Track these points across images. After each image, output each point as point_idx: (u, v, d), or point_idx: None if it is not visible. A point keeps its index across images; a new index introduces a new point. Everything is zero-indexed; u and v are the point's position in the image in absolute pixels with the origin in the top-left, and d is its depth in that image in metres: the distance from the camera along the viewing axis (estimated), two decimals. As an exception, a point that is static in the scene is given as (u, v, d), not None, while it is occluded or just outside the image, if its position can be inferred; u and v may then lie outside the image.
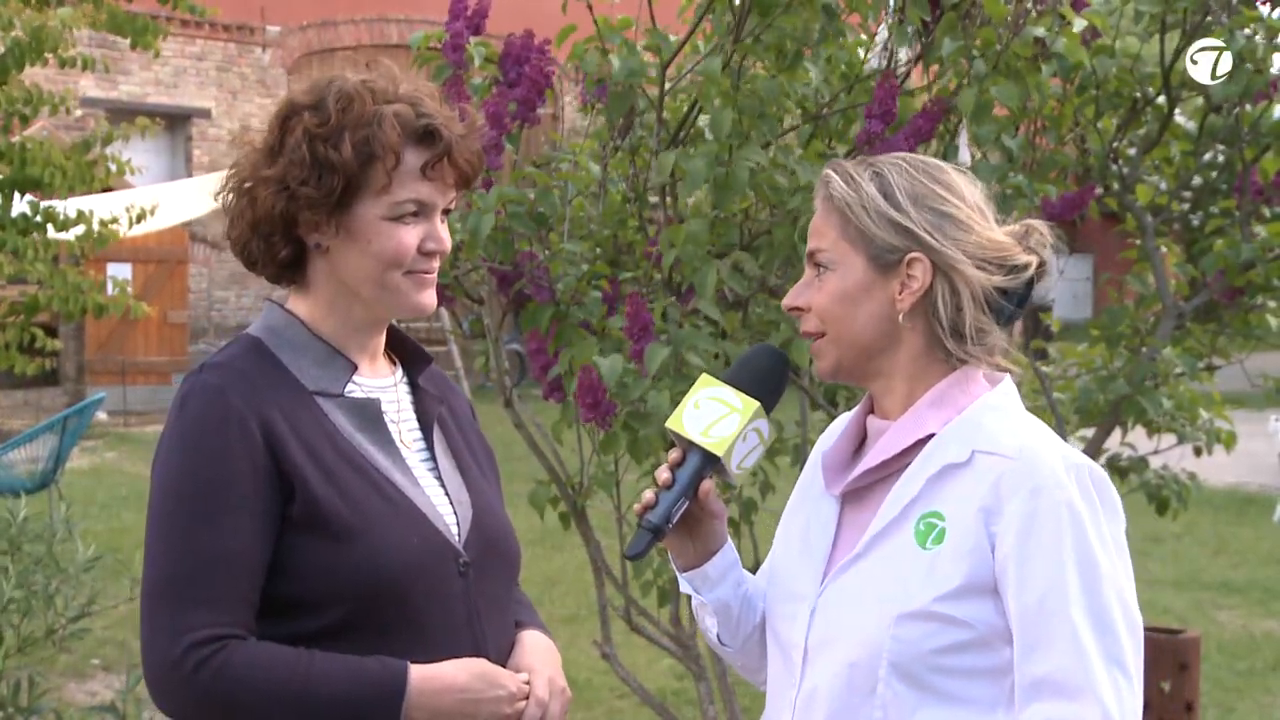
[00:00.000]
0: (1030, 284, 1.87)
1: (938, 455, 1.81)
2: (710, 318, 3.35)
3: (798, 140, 3.71)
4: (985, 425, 1.81)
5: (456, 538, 1.94)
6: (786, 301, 1.88)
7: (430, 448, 2.01)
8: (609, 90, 3.38)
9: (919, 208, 1.82)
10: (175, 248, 16.61)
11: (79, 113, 6.78)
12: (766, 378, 1.88)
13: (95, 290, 6.19)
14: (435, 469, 1.99)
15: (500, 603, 1.99)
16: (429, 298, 1.93)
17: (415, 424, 2.02)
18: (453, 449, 2.04)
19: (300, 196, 1.86)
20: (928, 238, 1.81)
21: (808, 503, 1.95)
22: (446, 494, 1.97)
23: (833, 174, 1.87)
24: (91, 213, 6.31)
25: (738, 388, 1.86)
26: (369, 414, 1.94)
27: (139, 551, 1.92)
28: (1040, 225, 1.89)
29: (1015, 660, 1.74)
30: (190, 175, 17.20)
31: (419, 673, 1.82)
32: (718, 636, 2.04)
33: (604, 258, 3.76)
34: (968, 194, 1.87)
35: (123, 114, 16.23)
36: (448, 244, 1.92)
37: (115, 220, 6.48)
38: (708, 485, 1.86)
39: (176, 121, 17.34)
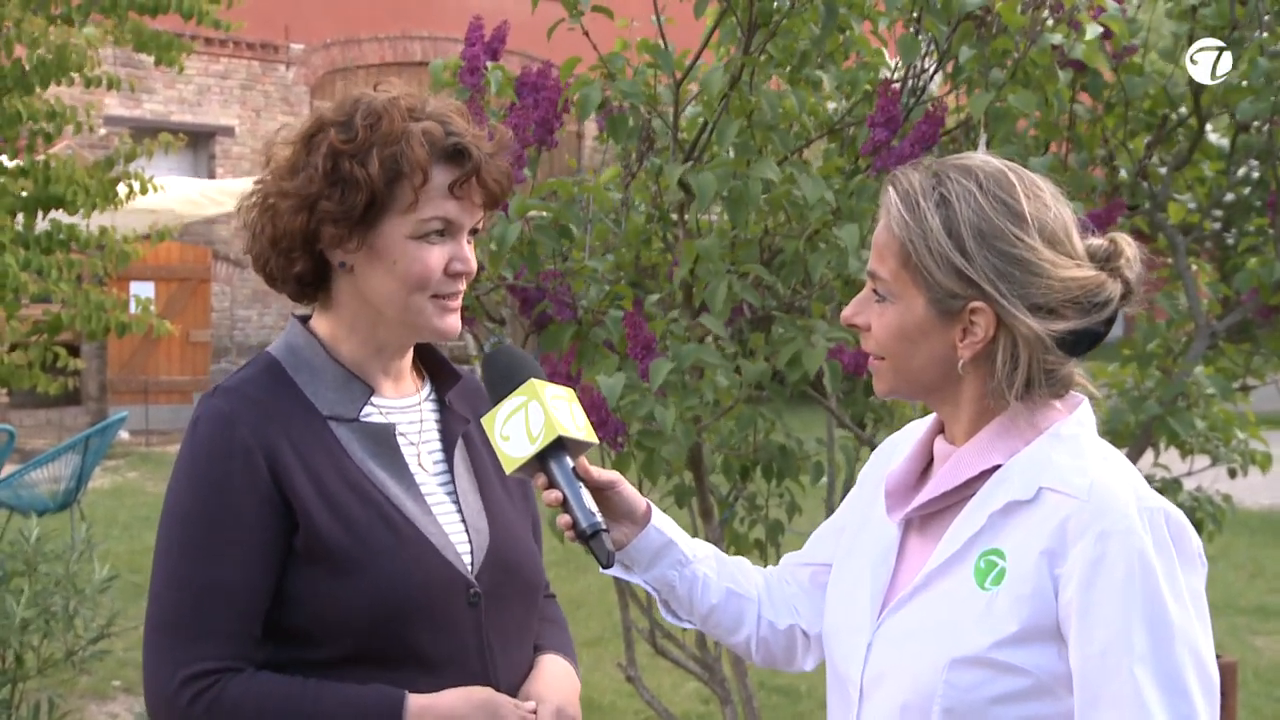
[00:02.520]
0: (1115, 314, 1.75)
1: (1002, 490, 1.73)
2: (723, 334, 3.36)
3: (820, 155, 3.73)
4: (1054, 459, 1.72)
5: (469, 567, 1.93)
6: (845, 315, 1.82)
7: (450, 470, 2.00)
8: (608, 116, 3.41)
9: (986, 250, 1.70)
10: (198, 266, 16.71)
11: (103, 131, 6.86)
12: (509, 370, 1.89)
13: (118, 309, 6.24)
14: (454, 492, 1.98)
15: (518, 631, 1.98)
16: (452, 322, 1.93)
17: (438, 444, 2.02)
18: (476, 470, 2.03)
19: (321, 212, 1.87)
20: (991, 290, 1.70)
21: (869, 525, 1.90)
22: (463, 520, 1.97)
23: (894, 194, 1.76)
24: (114, 228, 6.37)
25: (505, 395, 1.87)
26: (383, 440, 1.94)
27: (159, 572, 1.93)
28: (1127, 242, 1.77)
29: (1076, 714, 1.65)
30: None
31: (417, 702, 1.82)
32: (671, 614, 2.05)
33: (627, 278, 3.79)
34: (1049, 221, 1.72)
35: (146, 132, 16.19)
36: (474, 266, 1.92)
37: (139, 238, 6.54)
38: (582, 463, 1.87)
39: (200, 139, 17.45)
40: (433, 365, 2.08)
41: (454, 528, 1.95)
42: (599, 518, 1.82)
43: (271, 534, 1.83)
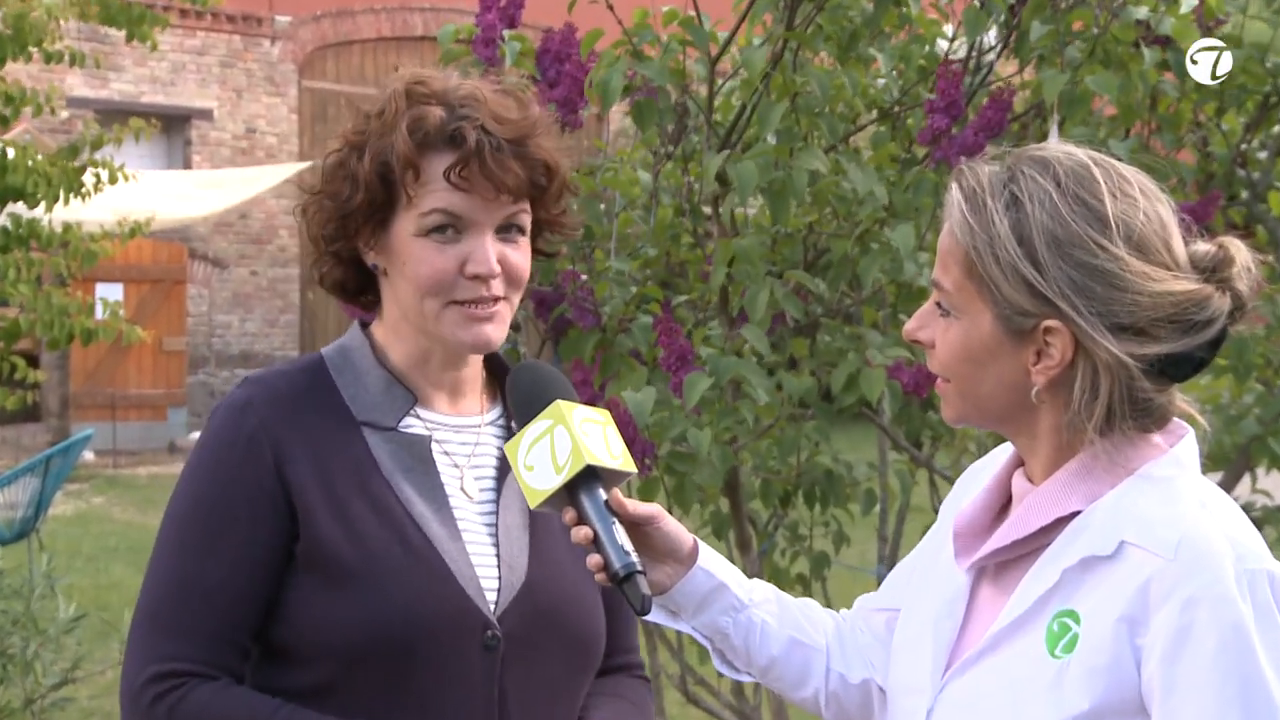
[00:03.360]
0: (1222, 335, 1.66)
1: (1080, 542, 1.67)
2: (765, 350, 3.36)
3: (871, 142, 3.72)
4: (1140, 507, 1.65)
5: (491, 605, 1.92)
6: (908, 330, 1.79)
7: (499, 500, 2.00)
8: (635, 99, 3.42)
9: (1061, 259, 1.63)
10: (172, 266, 16.79)
11: (65, 114, 6.89)
12: (533, 390, 1.89)
13: (83, 314, 6.26)
14: (494, 525, 1.98)
15: (550, 693, 1.95)
16: (479, 334, 1.93)
17: (491, 472, 2.02)
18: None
19: (325, 210, 1.95)
20: (1067, 306, 1.63)
21: (938, 570, 1.86)
22: (497, 554, 1.96)
23: (958, 192, 1.71)
24: (79, 225, 6.40)
25: (530, 419, 1.86)
26: (418, 453, 1.96)
27: (129, 611, 1.97)
28: (1238, 247, 1.68)
29: None
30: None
31: None
32: (727, 665, 2.01)
33: (655, 278, 3.79)
34: (1139, 224, 1.65)
35: (114, 115, 16.34)
36: (497, 267, 1.91)
37: (107, 235, 6.56)
38: (616, 495, 1.85)
39: (174, 123, 17.54)
40: (505, 386, 2.07)
41: (484, 560, 1.95)
42: (633, 557, 1.80)
43: (268, 533, 1.87)
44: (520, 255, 1.95)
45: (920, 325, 1.77)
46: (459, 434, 2.01)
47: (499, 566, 1.95)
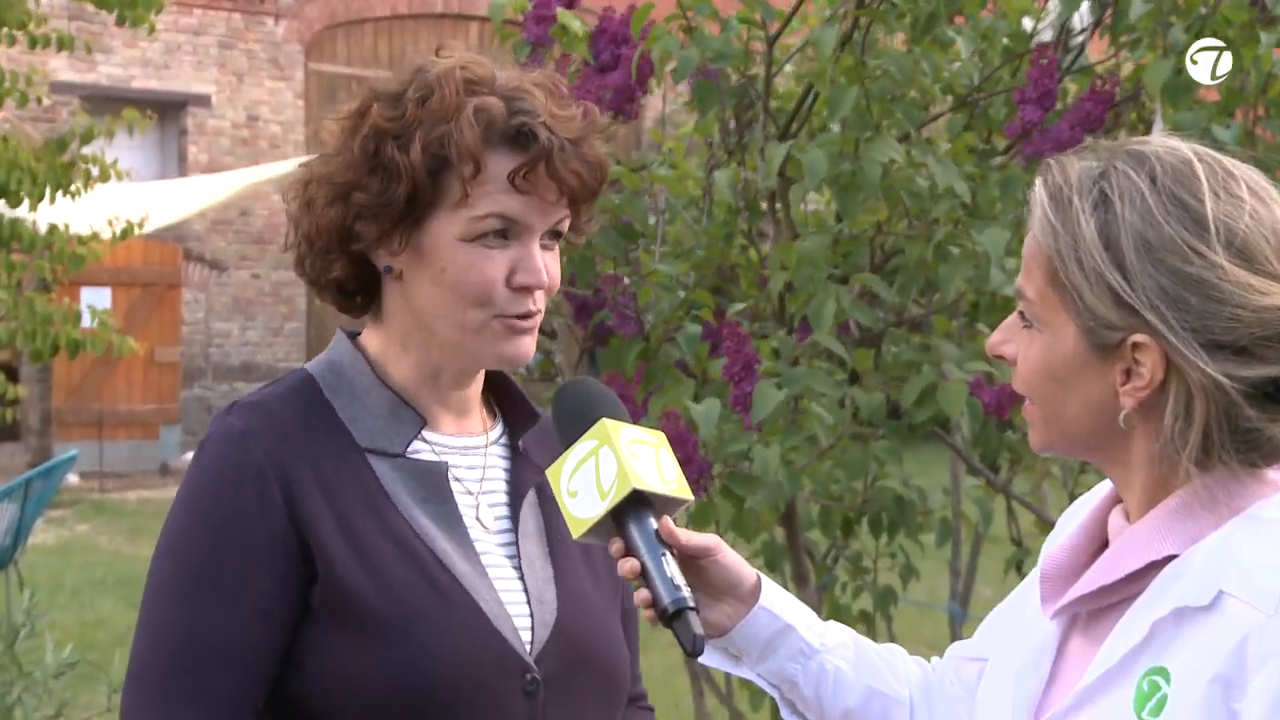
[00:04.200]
0: None
1: (1174, 591, 1.62)
2: (834, 356, 3.38)
3: (947, 132, 3.73)
4: (1243, 553, 1.60)
5: (527, 646, 1.93)
6: (991, 344, 1.78)
7: (515, 528, 2.02)
8: (694, 81, 3.43)
9: (1152, 266, 1.60)
10: (165, 269, 16.83)
11: (49, 101, 6.93)
12: (577, 407, 1.90)
13: (69, 322, 6.28)
14: (516, 556, 2.00)
15: None
16: (522, 348, 1.94)
17: (504, 497, 2.03)
18: (550, 532, 2.04)
19: (357, 205, 1.91)
20: (1157, 320, 1.60)
21: (1027, 615, 1.84)
22: (525, 589, 1.98)
23: (1042, 189, 1.69)
24: (66, 226, 6.43)
25: (574, 440, 1.88)
26: (433, 482, 1.96)
27: (119, 650, 1.98)
28: None
29: None
30: (184, 177, 17.38)
31: None
32: (796, 716, 1.99)
33: (705, 283, 3.81)
34: (1243, 228, 1.61)
35: (102, 102, 16.39)
36: (547, 278, 1.92)
37: (95, 236, 6.60)
38: (667, 524, 1.85)
39: (168, 111, 17.58)
40: (506, 401, 2.10)
41: (513, 597, 1.96)
42: (685, 592, 1.80)
43: (283, 581, 1.86)
44: (556, 264, 1.96)
45: (1004, 339, 1.76)
46: (466, 457, 2.02)
47: (529, 603, 1.96)
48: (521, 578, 1.98)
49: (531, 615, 1.95)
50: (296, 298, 18.21)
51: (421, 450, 1.97)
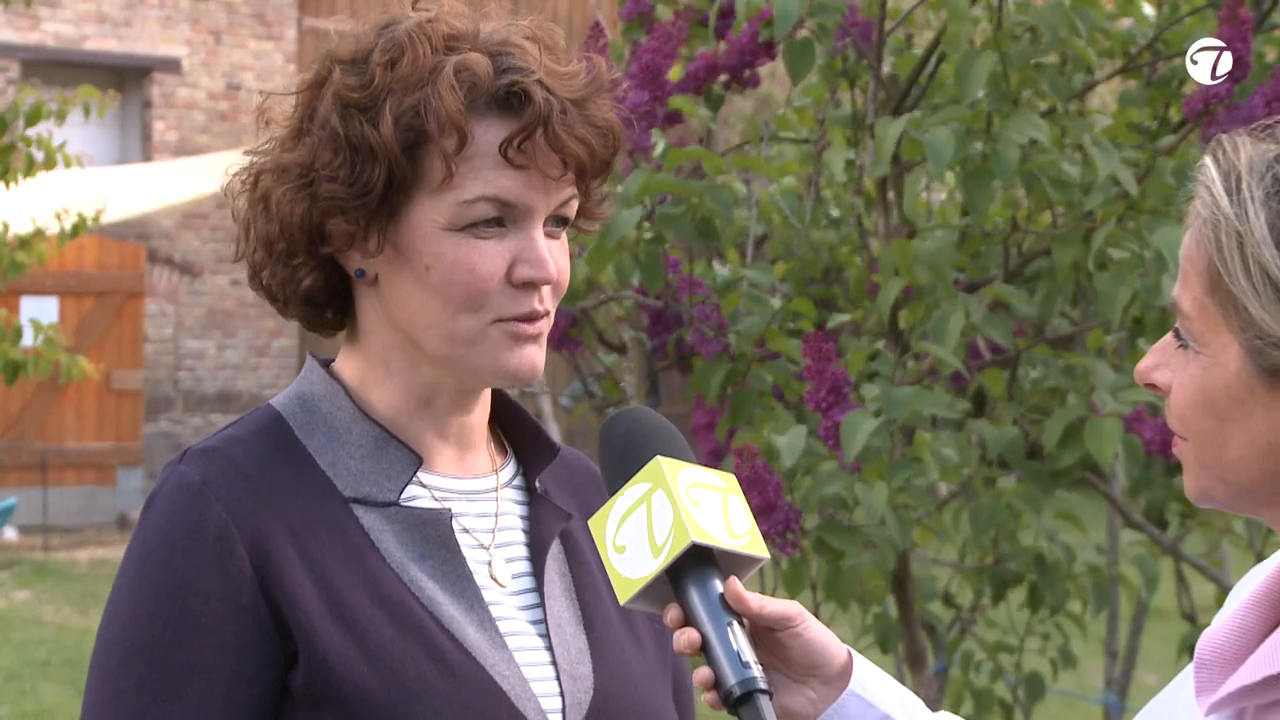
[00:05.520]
0: None
1: None
2: (957, 363, 3.34)
3: (1119, 104, 3.71)
4: None
5: None
6: (1140, 369, 1.77)
7: (540, 587, 2.02)
8: (786, 42, 3.45)
9: None
10: (124, 273, 16.86)
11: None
12: (628, 442, 1.90)
13: (6, 339, 6.31)
14: (542, 621, 2.00)
15: None
16: (526, 359, 1.95)
17: (522, 549, 2.04)
18: (581, 590, 2.05)
19: (323, 197, 1.91)
20: None
21: (1178, 709, 1.84)
22: (553, 662, 1.98)
23: (1211, 171, 1.70)
24: (6, 226, 6.47)
25: (620, 485, 1.87)
26: (435, 534, 1.96)
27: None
28: None
29: None
30: (149, 160, 17.41)
31: None
32: None
33: (807, 290, 3.82)
34: None
35: (48, 68, 16.44)
36: (555, 270, 1.93)
37: (39, 234, 6.64)
38: (735, 588, 1.83)
39: (129, 79, 17.67)
40: (517, 433, 2.10)
41: (538, 671, 1.96)
42: (756, 671, 1.79)
43: (254, 663, 1.86)
44: (564, 255, 1.96)
45: (1155, 363, 1.75)
46: (475, 502, 2.01)
47: (558, 679, 1.96)
48: (549, 647, 1.98)
49: (562, 694, 1.96)
50: (286, 309, 18.22)
51: (419, 496, 1.97)
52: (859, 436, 3.13)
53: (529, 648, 1.97)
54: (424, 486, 1.98)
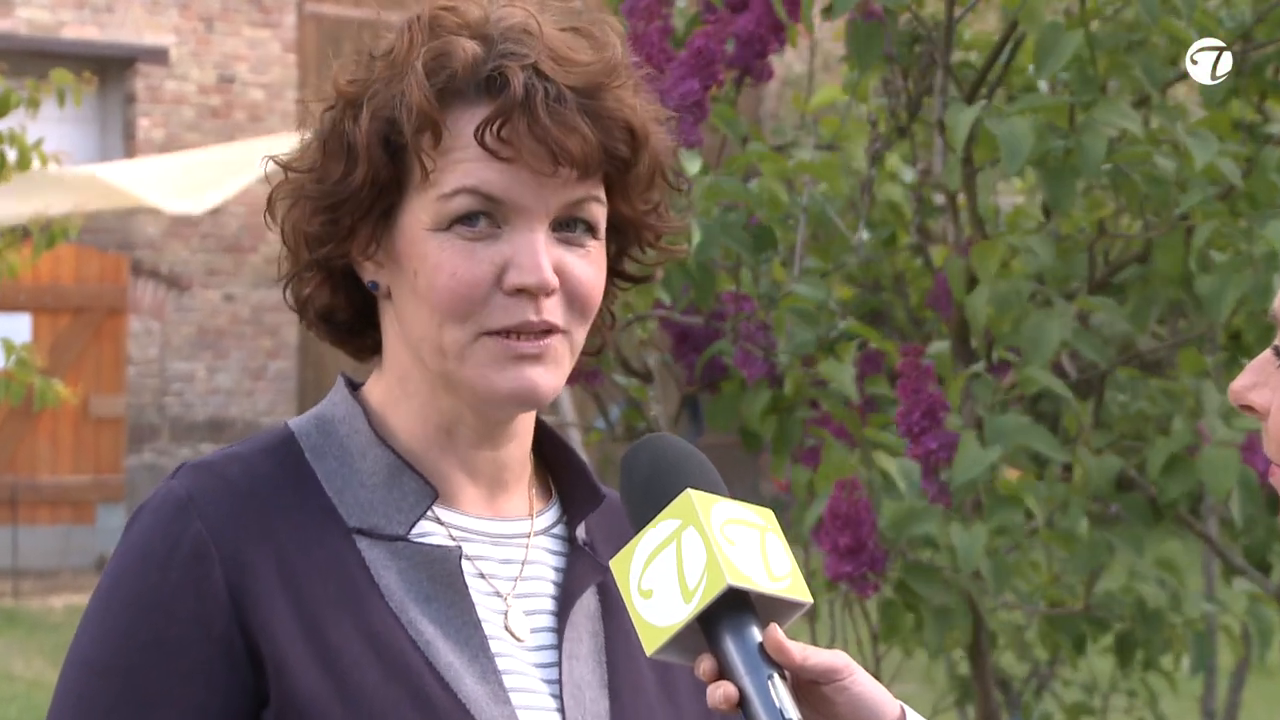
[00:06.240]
0: None
1: None
2: (1063, 388, 3.36)
3: (1200, 94, 3.71)
4: None
5: None
6: (1235, 388, 1.79)
7: (561, 643, 2.02)
8: (849, 24, 3.45)
9: None
10: (105, 287, 16.92)
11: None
12: (654, 474, 1.90)
13: (-27, 361, 6.35)
14: (557, 681, 2.01)
15: None
16: (521, 379, 1.94)
17: (549, 603, 2.04)
18: (611, 651, 2.06)
19: (312, 198, 1.96)
20: None
21: None
22: None
23: None
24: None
25: (648, 520, 1.86)
26: (441, 574, 1.97)
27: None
28: None
29: None
30: (133, 158, 17.40)
31: None
32: None
33: (860, 306, 3.85)
34: None
35: (22, 58, 16.39)
36: (551, 278, 1.93)
37: (10, 244, 6.67)
38: (775, 636, 1.83)
39: (111, 70, 17.72)
40: (562, 475, 2.11)
41: None
42: None
43: (223, 695, 1.88)
44: (588, 267, 1.96)
45: (1252, 382, 1.77)
46: (500, 546, 2.02)
47: None
48: (561, 709, 1.99)
49: None
50: (284, 327, 18.23)
51: (432, 534, 1.99)
52: (974, 470, 3.17)
53: (536, 707, 1.98)
54: (440, 524, 2.00)
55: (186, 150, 16.95)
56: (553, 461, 2.11)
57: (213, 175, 15.32)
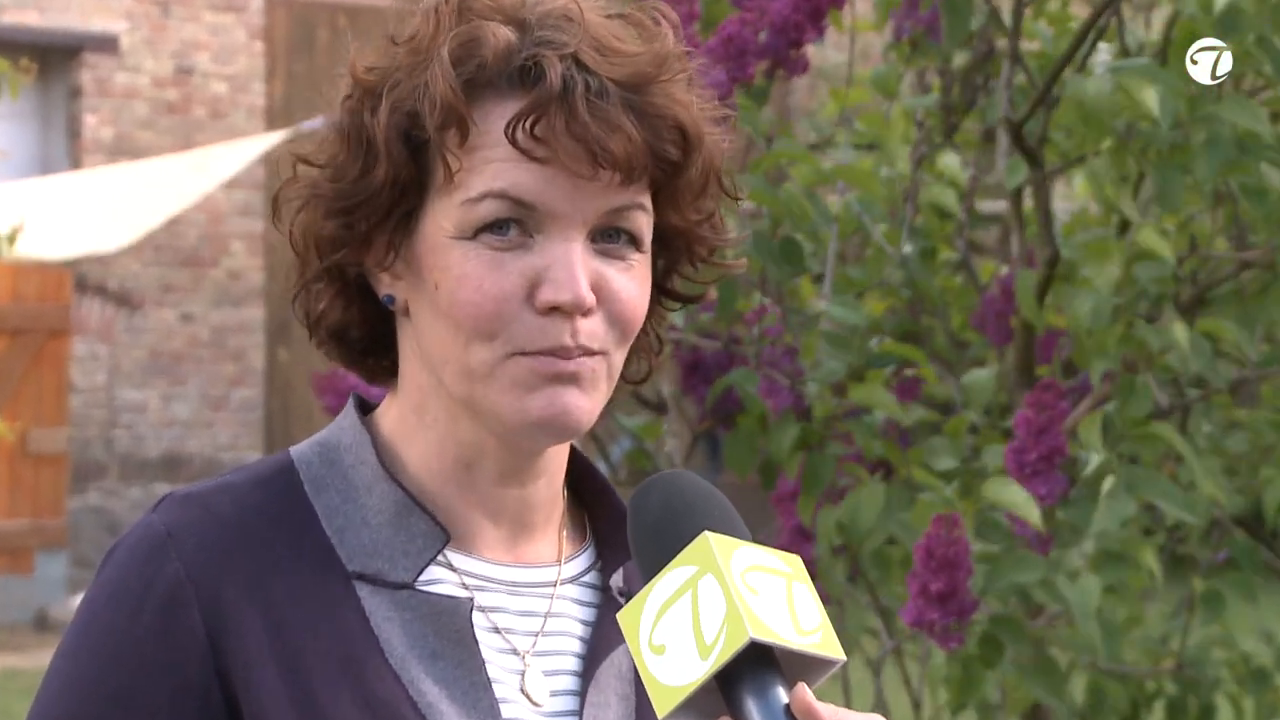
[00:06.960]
0: None
1: None
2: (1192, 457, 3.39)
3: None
4: None
5: None
6: None
7: (583, 707, 2.03)
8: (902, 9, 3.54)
9: None
10: (45, 306, 17.10)
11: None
12: (665, 516, 1.89)
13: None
14: None
15: None
16: (556, 404, 1.94)
17: (573, 661, 2.06)
18: (642, 716, 2.06)
19: (325, 199, 1.97)
20: None
21: None
22: None
23: None
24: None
25: (660, 567, 1.87)
26: (450, 627, 1.98)
27: None
28: None
29: None
30: (78, 164, 17.61)
31: None
32: None
33: (896, 330, 3.89)
34: None
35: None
36: (586, 294, 1.92)
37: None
38: (801, 695, 1.83)
39: (52, 60, 17.87)
40: (601, 516, 2.12)
41: None
42: None
43: None
44: (630, 282, 1.96)
45: None
46: (519, 596, 2.04)
47: None
48: None
49: None
50: (248, 351, 18.44)
51: (442, 581, 2.00)
52: (1118, 513, 3.23)
53: None
54: (453, 569, 2.01)
55: (139, 157, 17.07)
56: (589, 500, 2.12)
57: (168, 180, 15.44)
